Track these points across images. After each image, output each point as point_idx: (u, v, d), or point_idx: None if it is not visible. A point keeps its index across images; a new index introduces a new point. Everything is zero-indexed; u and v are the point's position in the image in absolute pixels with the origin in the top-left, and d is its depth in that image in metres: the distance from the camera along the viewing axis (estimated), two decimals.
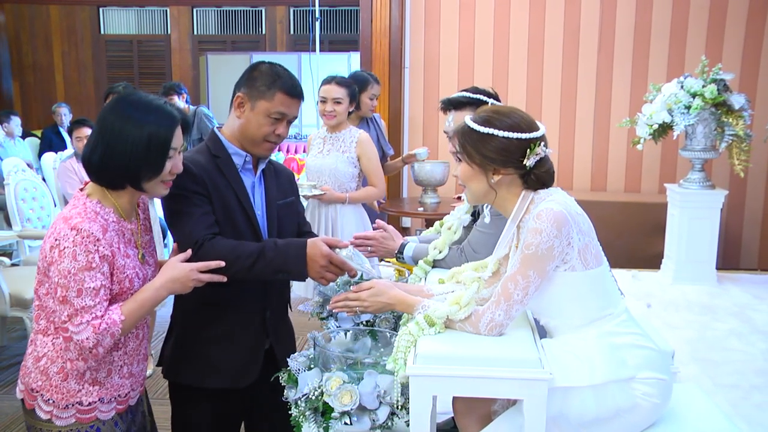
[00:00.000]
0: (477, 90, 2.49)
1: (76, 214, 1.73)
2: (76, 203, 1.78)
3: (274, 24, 9.85)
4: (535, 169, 1.80)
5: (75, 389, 1.78)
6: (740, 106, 4.29)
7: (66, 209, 1.77)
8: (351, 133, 3.67)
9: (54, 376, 1.76)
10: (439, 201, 4.85)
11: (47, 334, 1.78)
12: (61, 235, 1.69)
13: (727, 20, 5.54)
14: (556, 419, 1.76)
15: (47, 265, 1.72)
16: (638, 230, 5.29)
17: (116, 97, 1.85)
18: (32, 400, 1.78)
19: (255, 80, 2.06)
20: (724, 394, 3.01)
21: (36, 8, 9.99)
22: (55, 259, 1.69)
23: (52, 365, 1.76)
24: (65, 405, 1.78)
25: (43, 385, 1.77)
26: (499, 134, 1.78)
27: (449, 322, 1.82)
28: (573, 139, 5.83)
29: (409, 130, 6.04)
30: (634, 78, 5.69)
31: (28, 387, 1.79)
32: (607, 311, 1.81)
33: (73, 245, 1.68)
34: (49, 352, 1.77)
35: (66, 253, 1.68)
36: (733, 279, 4.79)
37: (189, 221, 1.96)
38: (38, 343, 1.79)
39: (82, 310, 1.69)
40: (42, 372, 1.77)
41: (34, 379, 1.77)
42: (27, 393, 1.80)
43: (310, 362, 2.08)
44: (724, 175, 5.46)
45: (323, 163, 3.63)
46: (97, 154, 1.76)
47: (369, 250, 2.65)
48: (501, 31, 5.81)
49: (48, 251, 1.71)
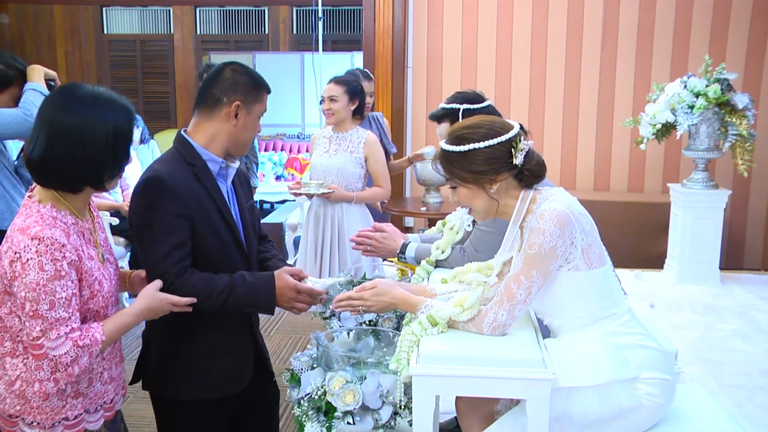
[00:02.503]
0: (458, 97, 2.49)
1: (33, 222, 1.60)
2: (29, 212, 1.63)
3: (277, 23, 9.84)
4: (526, 165, 1.80)
5: (59, 405, 1.68)
6: (744, 105, 4.28)
7: (18, 220, 1.63)
8: (358, 133, 3.65)
9: (33, 397, 1.65)
10: (442, 201, 4.84)
11: (15, 356, 1.66)
12: (21, 247, 1.56)
13: (731, 19, 5.53)
14: (560, 419, 1.75)
15: (9, 282, 1.59)
16: (641, 230, 5.28)
17: (59, 92, 1.69)
18: (12, 426, 1.67)
19: (240, 85, 2.04)
20: (728, 394, 3.00)
21: (39, 8, 10.00)
22: (18, 273, 1.56)
23: (28, 387, 1.65)
24: (51, 424, 1.68)
25: (23, 409, 1.65)
26: (481, 145, 1.78)
27: (452, 323, 1.82)
28: (576, 139, 5.82)
29: (412, 129, 6.03)
30: (638, 77, 5.68)
31: (4, 414, 1.67)
32: (611, 311, 1.81)
33: (38, 255, 1.56)
34: (22, 374, 1.65)
35: (30, 264, 1.56)
36: (736, 279, 4.78)
37: (159, 251, 1.90)
38: (8, 366, 1.66)
39: (56, 322, 1.58)
40: (19, 396, 1.65)
41: (10, 405, 1.65)
42: (4, 420, 1.67)
43: (313, 362, 2.08)
44: (728, 174, 5.44)
45: (330, 163, 3.61)
46: (56, 157, 1.61)
47: (368, 249, 2.65)
48: (504, 30, 5.80)
49: (8, 266, 1.58)
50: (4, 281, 1.61)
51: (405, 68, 5.90)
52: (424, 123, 5.99)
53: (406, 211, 5.03)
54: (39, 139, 1.63)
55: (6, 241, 1.61)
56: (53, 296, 1.57)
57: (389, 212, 4.72)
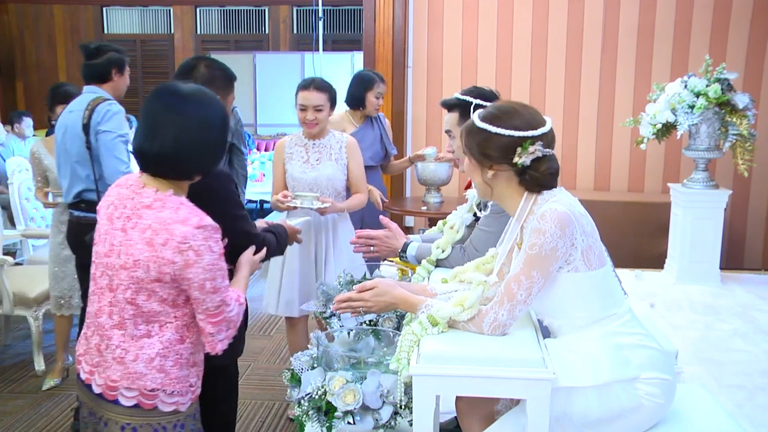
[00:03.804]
0: (474, 91, 2.49)
1: (187, 214, 1.75)
2: (173, 205, 1.77)
3: (278, 23, 9.85)
4: (531, 169, 1.79)
5: (186, 374, 1.85)
6: (744, 105, 4.28)
7: (164, 213, 1.75)
8: (336, 137, 3.39)
9: (170, 369, 1.81)
10: (443, 200, 4.85)
11: (151, 336, 1.80)
12: (188, 236, 1.72)
13: (731, 19, 5.53)
14: (560, 419, 1.76)
15: (179, 269, 1.73)
16: (642, 230, 5.28)
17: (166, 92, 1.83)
18: (152, 399, 1.81)
19: (217, 79, 2.27)
20: (728, 394, 3.00)
21: (40, 8, 10.01)
22: (193, 261, 1.73)
23: (166, 361, 1.81)
24: (185, 391, 1.85)
25: (163, 381, 1.80)
26: (492, 130, 1.80)
27: (452, 322, 1.82)
28: (576, 139, 5.82)
29: (412, 129, 6.03)
30: (638, 77, 5.67)
31: (145, 389, 1.80)
32: (611, 311, 1.81)
33: (205, 241, 1.74)
34: (160, 350, 1.80)
35: (203, 250, 1.73)
36: (736, 279, 4.78)
37: (246, 223, 2.18)
38: (145, 346, 1.79)
39: (226, 290, 1.82)
40: (159, 370, 1.80)
41: (152, 380, 1.79)
42: (144, 395, 1.80)
43: (314, 362, 2.08)
44: (728, 174, 5.44)
45: (319, 175, 3.31)
46: (191, 147, 1.79)
47: (372, 250, 2.65)
48: (504, 31, 5.80)
49: (176, 256, 1.72)
50: (166, 270, 1.74)
51: (405, 68, 5.89)
52: (425, 123, 5.99)
53: (407, 211, 5.04)
54: (163, 135, 1.77)
55: (157, 234, 1.73)
56: (222, 270, 1.80)
57: (389, 211, 4.72)
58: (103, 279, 1.82)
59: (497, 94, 2.49)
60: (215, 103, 1.87)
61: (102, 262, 1.82)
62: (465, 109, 2.37)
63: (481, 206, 2.47)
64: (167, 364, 1.81)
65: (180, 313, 1.81)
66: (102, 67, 3.24)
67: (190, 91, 1.84)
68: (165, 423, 1.84)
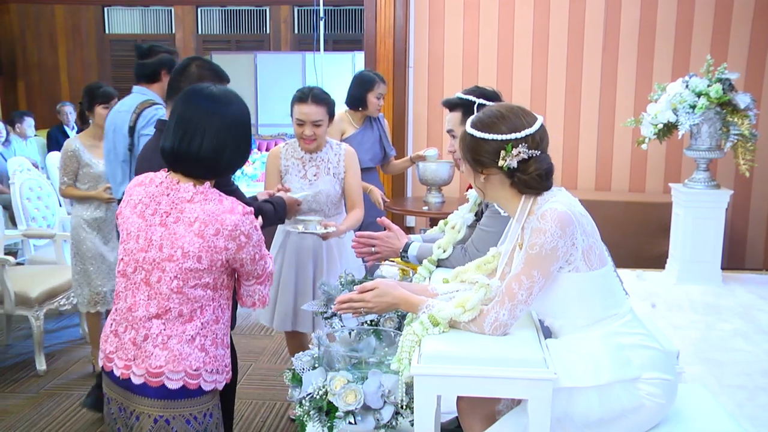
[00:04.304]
0: (476, 90, 2.49)
1: (232, 204, 1.88)
2: (213, 197, 1.89)
3: (279, 23, 9.84)
4: (519, 172, 1.79)
5: (222, 354, 1.95)
6: (746, 105, 4.28)
7: (210, 205, 1.86)
8: (334, 149, 3.24)
9: (209, 348, 1.91)
10: (444, 200, 4.85)
11: (192, 320, 1.89)
12: (238, 223, 1.85)
13: (732, 19, 5.52)
14: (561, 419, 1.76)
15: (232, 254, 1.87)
16: (643, 230, 5.27)
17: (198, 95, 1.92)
18: (195, 379, 1.88)
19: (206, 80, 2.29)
20: (729, 394, 3.00)
21: (41, 8, 10.00)
22: (243, 243, 1.88)
23: (205, 340, 1.90)
24: (222, 370, 1.94)
25: (204, 360, 1.89)
26: (478, 135, 1.81)
27: (453, 322, 1.82)
28: (577, 139, 5.82)
29: (414, 129, 6.03)
30: (639, 77, 5.67)
31: (190, 369, 1.87)
32: (612, 311, 1.81)
33: (251, 223, 1.89)
34: (200, 331, 1.89)
35: (251, 231, 1.89)
36: (738, 279, 4.77)
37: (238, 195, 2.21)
38: (188, 329, 1.88)
39: (265, 253, 1.99)
40: (201, 349, 1.89)
41: (195, 360, 1.88)
42: (189, 375, 1.88)
43: (315, 361, 2.08)
44: (729, 174, 5.44)
45: (319, 190, 3.17)
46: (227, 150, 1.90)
47: (373, 251, 2.65)
48: (505, 31, 5.80)
49: (229, 242, 1.85)
50: (219, 256, 1.86)
51: (406, 68, 5.89)
52: (426, 123, 5.99)
53: (408, 210, 5.04)
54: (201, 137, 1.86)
55: (207, 226, 1.84)
56: (262, 240, 1.97)
57: (390, 210, 4.72)
58: (138, 274, 1.88)
59: (499, 94, 2.48)
60: (242, 102, 1.99)
61: (135, 258, 1.89)
62: (468, 109, 2.36)
63: (483, 206, 2.47)
64: (207, 344, 1.90)
65: (218, 295, 1.93)
66: (152, 68, 3.29)
67: (221, 93, 1.95)
68: (196, 413, 1.91)
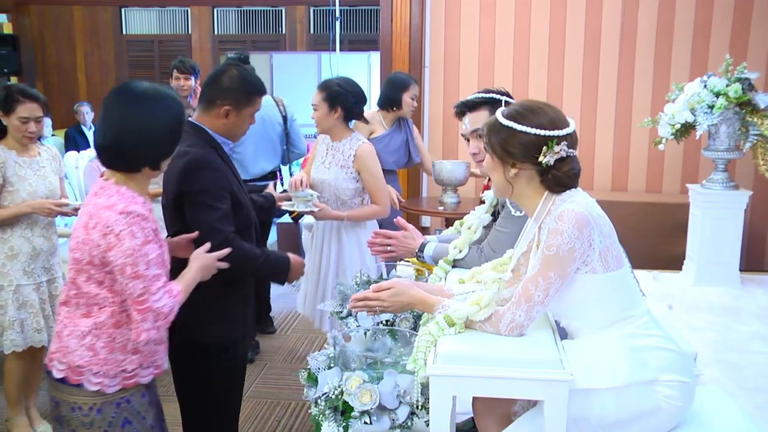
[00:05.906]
0: (489, 91, 2.51)
1: (117, 200, 1.85)
2: (109, 192, 1.88)
3: (294, 23, 9.88)
4: (555, 169, 1.79)
5: (120, 359, 1.92)
6: (766, 105, 4.23)
7: (100, 199, 1.87)
8: (351, 143, 3.30)
9: (101, 350, 1.90)
10: (459, 201, 4.84)
11: (89, 316, 1.90)
12: (111, 221, 1.82)
13: (752, 18, 5.46)
14: (577, 421, 1.75)
15: (102, 252, 1.84)
16: (660, 231, 5.23)
17: (124, 90, 1.94)
18: (79, 375, 1.90)
19: (233, 91, 2.34)
20: (748, 397, 2.97)
21: (60, 9, 10.10)
22: (113, 244, 1.82)
23: (97, 341, 1.89)
24: (113, 374, 1.92)
25: (91, 360, 1.89)
26: (518, 128, 1.79)
27: (469, 323, 1.81)
28: (594, 139, 5.79)
29: (430, 129, 6.02)
30: (656, 77, 5.62)
31: (72, 365, 1.90)
32: (629, 313, 1.80)
33: (128, 226, 1.82)
34: (93, 330, 1.90)
35: (123, 234, 1.82)
36: (757, 281, 4.72)
37: (214, 215, 2.21)
38: (81, 324, 1.90)
39: (153, 279, 1.86)
40: (88, 348, 1.89)
41: (79, 356, 1.89)
42: (72, 370, 1.91)
43: (330, 361, 2.08)
44: (748, 175, 5.38)
45: (325, 178, 3.31)
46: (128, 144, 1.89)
47: (389, 250, 2.65)
48: (521, 31, 5.78)
49: (101, 239, 1.83)
50: (94, 252, 1.85)
51: (422, 68, 5.89)
52: (441, 123, 5.98)
53: (423, 210, 5.03)
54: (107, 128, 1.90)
55: (91, 218, 1.86)
56: (147, 258, 1.85)
57: (405, 210, 4.72)
58: None
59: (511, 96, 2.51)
60: (168, 102, 1.96)
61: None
62: (494, 107, 2.34)
63: (499, 207, 2.46)
64: (98, 345, 1.90)
65: (119, 299, 1.90)
66: None
67: (142, 89, 1.93)
68: (81, 404, 1.91)
